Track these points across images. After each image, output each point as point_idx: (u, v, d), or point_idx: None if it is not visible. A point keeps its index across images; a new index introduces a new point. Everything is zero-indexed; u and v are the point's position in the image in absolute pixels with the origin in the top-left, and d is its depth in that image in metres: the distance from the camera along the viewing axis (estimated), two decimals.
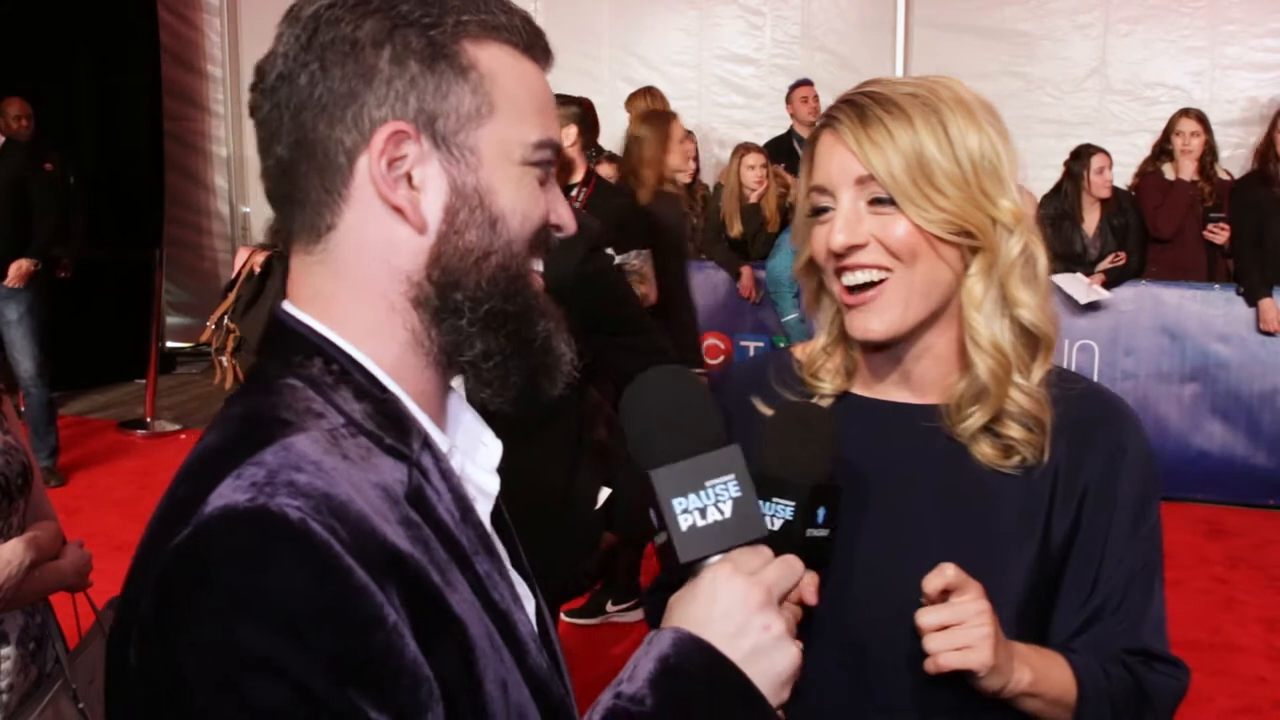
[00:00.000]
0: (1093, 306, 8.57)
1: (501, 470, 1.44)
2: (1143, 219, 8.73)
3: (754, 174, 9.13)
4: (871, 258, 1.77)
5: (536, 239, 1.34)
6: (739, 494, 1.35)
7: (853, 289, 1.79)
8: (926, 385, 1.89)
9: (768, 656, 1.32)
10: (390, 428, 1.27)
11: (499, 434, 1.46)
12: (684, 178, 8.37)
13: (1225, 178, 8.97)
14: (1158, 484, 1.91)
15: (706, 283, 9.27)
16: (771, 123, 10.72)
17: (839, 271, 1.80)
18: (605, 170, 9.47)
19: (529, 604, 1.41)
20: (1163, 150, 8.87)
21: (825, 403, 1.92)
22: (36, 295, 8.60)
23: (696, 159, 9.80)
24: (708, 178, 10.29)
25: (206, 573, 1.10)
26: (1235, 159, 9.62)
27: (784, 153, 9.69)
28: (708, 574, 1.34)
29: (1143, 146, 9.26)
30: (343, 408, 1.26)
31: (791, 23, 11.27)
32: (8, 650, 3.02)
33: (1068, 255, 8.63)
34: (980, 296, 1.79)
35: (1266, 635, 6.33)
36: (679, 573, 1.37)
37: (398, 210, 1.27)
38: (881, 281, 1.77)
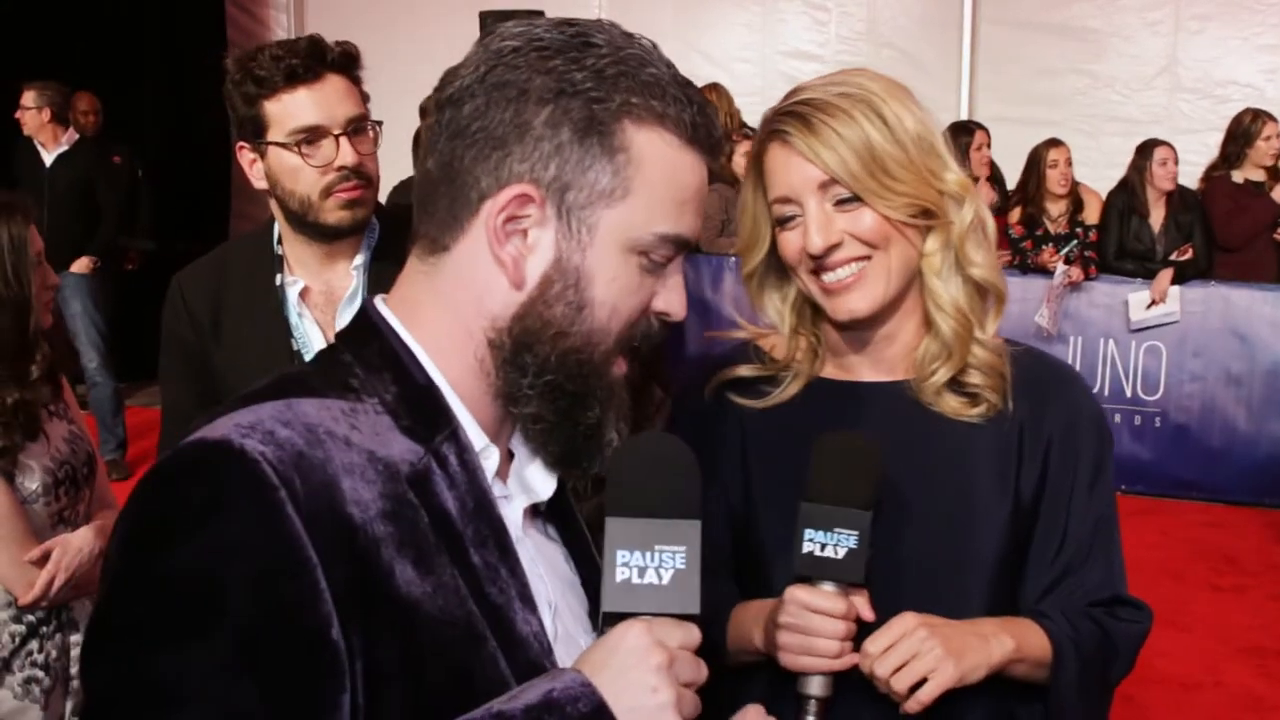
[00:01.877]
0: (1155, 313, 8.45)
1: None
2: (1207, 219, 8.60)
3: None
4: (849, 253, 1.89)
5: (627, 331, 1.40)
6: (683, 567, 1.34)
7: (833, 281, 1.91)
8: (894, 364, 2.02)
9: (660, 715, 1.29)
10: (414, 413, 1.35)
11: None
12: None
13: None
14: (1111, 441, 2.07)
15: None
16: None
17: (816, 270, 1.92)
18: None
19: (547, 608, 1.43)
20: (1231, 152, 8.69)
21: (797, 386, 2.04)
22: (101, 288, 8.74)
23: None
24: None
25: (158, 485, 1.25)
26: None
27: None
28: (621, 626, 1.32)
29: (1213, 145, 9.11)
30: (375, 387, 1.35)
31: (857, 19, 11.19)
32: (77, 637, 3.10)
33: (1135, 252, 8.52)
34: (939, 264, 1.94)
35: None
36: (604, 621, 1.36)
37: (501, 263, 1.34)
38: (862, 268, 1.90)
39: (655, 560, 1.33)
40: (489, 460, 1.40)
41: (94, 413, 8.43)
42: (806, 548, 1.77)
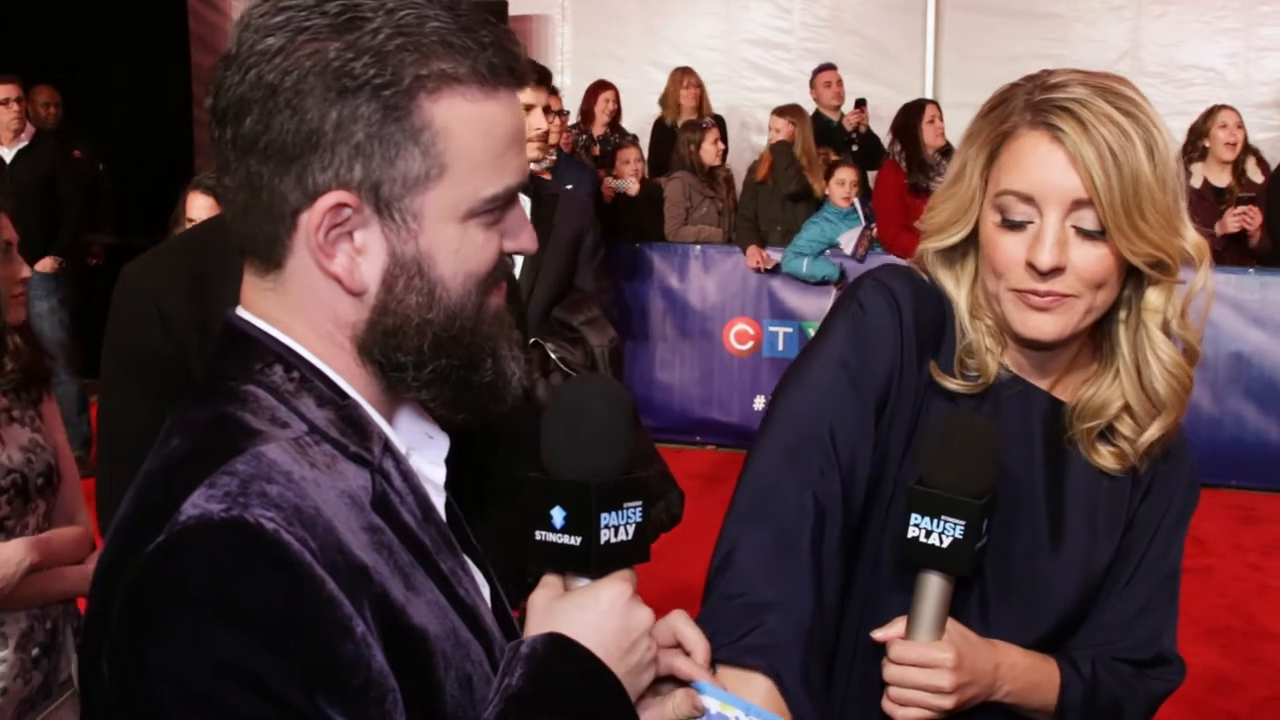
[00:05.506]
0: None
1: (449, 461, 1.45)
2: None
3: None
4: (1064, 285, 1.74)
5: (487, 281, 1.33)
6: (640, 520, 1.42)
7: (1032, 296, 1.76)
8: (1051, 376, 1.89)
9: (643, 673, 1.41)
10: (352, 434, 1.29)
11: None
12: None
13: (1257, 169, 8.67)
14: (1198, 494, 1.98)
15: (735, 269, 9.26)
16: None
17: (1019, 285, 1.77)
18: (631, 154, 9.45)
19: (486, 590, 1.43)
20: (1193, 148, 8.45)
21: (993, 370, 1.87)
22: (67, 285, 8.66)
23: (726, 143, 9.75)
24: (736, 162, 10.22)
25: (182, 582, 1.13)
26: (1269, 142, 9.51)
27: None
28: (606, 590, 1.39)
29: (1176, 130, 9.13)
30: (306, 415, 1.28)
31: (821, 5, 11.20)
32: (5, 654, 2.88)
33: None
34: (1164, 319, 1.82)
35: None
36: (573, 572, 1.42)
37: (335, 276, 1.27)
38: (1065, 299, 1.75)
39: (623, 518, 1.40)
40: (413, 462, 1.37)
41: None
42: (912, 533, 1.68)
